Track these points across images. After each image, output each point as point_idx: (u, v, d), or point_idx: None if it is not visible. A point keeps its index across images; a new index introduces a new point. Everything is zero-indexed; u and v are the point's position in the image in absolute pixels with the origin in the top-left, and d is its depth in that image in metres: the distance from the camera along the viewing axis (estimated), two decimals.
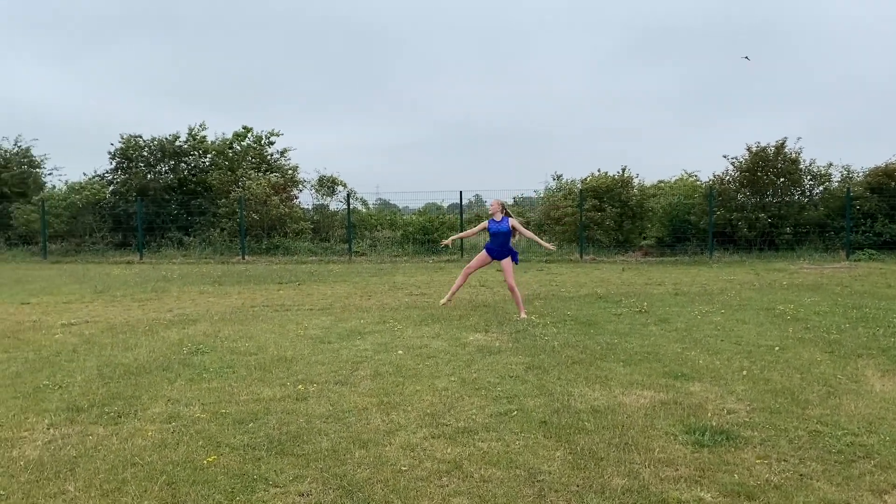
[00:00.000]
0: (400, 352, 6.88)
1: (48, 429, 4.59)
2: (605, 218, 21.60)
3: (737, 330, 7.92)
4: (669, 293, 11.54)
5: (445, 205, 29.13)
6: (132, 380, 5.87)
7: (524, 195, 29.44)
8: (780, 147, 21.25)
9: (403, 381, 5.73)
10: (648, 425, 4.51)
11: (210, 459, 3.97)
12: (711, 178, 22.23)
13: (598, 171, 22.91)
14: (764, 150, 21.30)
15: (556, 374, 5.88)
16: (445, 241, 10.74)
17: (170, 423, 4.66)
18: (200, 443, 4.27)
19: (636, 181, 22.82)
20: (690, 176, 25.29)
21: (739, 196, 21.61)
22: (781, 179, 21.34)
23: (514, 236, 9.64)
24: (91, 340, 7.73)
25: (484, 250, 9.83)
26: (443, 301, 10.07)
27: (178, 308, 10.42)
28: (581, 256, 20.45)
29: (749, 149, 21.47)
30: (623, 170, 22.70)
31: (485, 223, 9.89)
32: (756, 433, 4.34)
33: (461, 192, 22.45)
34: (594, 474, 3.71)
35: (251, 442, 4.27)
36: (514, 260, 9.57)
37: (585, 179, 23.04)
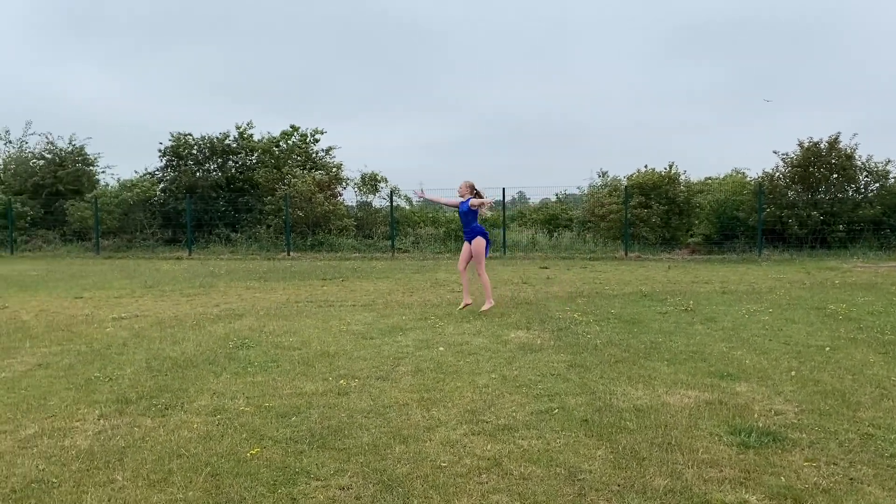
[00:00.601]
0: (441, 348, 6.89)
1: (98, 419, 4.72)
2: (650, 215, 21.31)
3: (786, 329, 7.73)
4: (716, 291, 11.33)
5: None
6: (179, 373, 6.00)
7: (567, 192, 29.23)
8: (834, 142, 20.67)
9: (444, 377, 5.73)
10: (692, 425, 4.43)
11: (253, 452, 4.03)
12: (761, 174, 21.75)
13: (645, 167, 22.62)
14: (816, 145, 20.76)
15: (599, 372, 5.82)
16: (418, 192, 10.76)
17: (215, 416, 4.75)
18: (244, 435, 4.34)
19: (683, 177, 22.47)
20: (739, 172, 24.79)
21: (790, 193, 21.10)
22: (835, 175, 20.78)
23: (480, 216, 9.40)
24: (140, 334, 7.92)
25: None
26: (461, 306, 9.42)
27: (224, 303, 10.62)
28: (626, 254, 20.20)
29: (801, 144, 20.96)
30: (670, 166, 22.39)
31: (457, 200, 9.54)
32: (804, 435, 4.23)
33: (504, 188, 22.39)
34: (636, 474, 3.66)
35: (293, 435, 4.32)
36: (486, 243, 9.36)
37: (631, 176, 22.75)
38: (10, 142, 30.36)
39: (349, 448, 4.10)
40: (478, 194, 9.39)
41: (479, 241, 9.28)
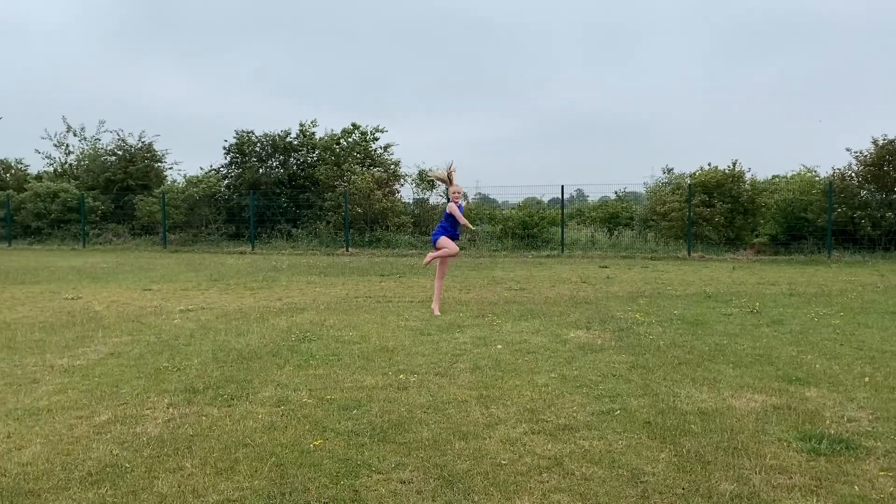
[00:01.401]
0: (499, 346, 6.88)
1: (167, 408, 4.87)
2: (714, 214, 20.79)
3: (858, 334, 7.46)
4: (783, 293, 10.99)
5: (546, 199, 28.91)
6: (244, 364, 6.14)
7: (628, 189, 28.80)
8: None
9: (503, 375, 5.72)
10: (759, 430, 4.31)
11: (316, 443, 4.10)
12: (832, 172, 20.98)
13: (708, 165, 22.08)
14: (892, 143, 19.91)
15: (662, 374, 5.71)
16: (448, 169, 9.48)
17: (279, 407, 4.84)
18: (307, 427, 4.41)
19: (748, 176, 21.85)
20: (808, 171, 23.99)
21: (863, 192, 20.30)
22: None
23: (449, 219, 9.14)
24: (206, 326, 8.14)
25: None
26: (434, 310, 9.10)
27: (286, 297, 10.82)
28: (689, 254, 19.78)
29: (875, 142, 20.12)
30: (734, 164, 21.77)
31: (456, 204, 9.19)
32: (879, 444, 4.07)
33: (563, 186, 22.15)
34: (700, 478, 3.58)
35: (355, 428, 4.38)
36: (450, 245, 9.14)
37: (694, 174, 22.25)
38: (85, 138, 31.63)
39: (409, 442, 4.13)
40: (452, 200, 9.10)
41: (443, 241, 9.13)
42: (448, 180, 9.19)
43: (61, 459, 3.88)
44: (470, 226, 9.26)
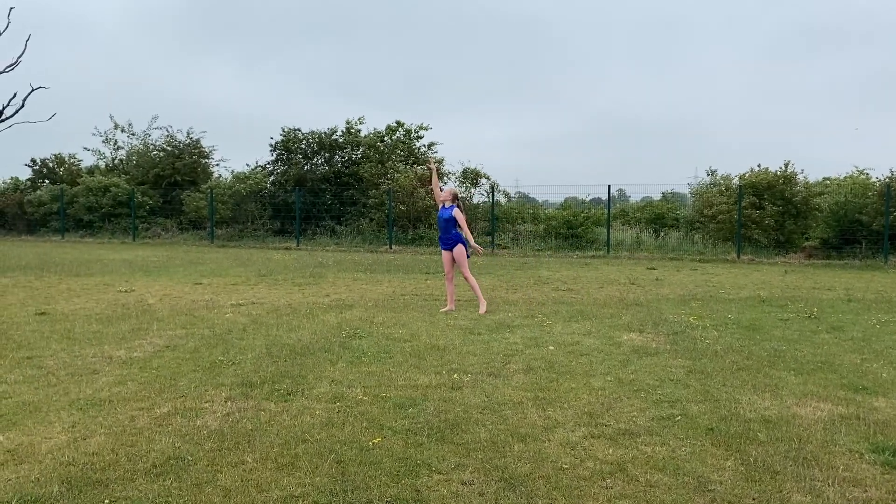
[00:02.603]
0: (551, 347, 6.80)
1: (226, 402, 4.91)
2: (764, 216, 20.33)
3: None
4: (841, 299, 10.68)
5: (588, 199, 28.61)
6: (297, 360, 6.18)
7: (674, 190, 28.34)
8: None
9: (557, 377, 5.65)
10: (828, 440, 4.17)
11: (375, 441, 4.09)
12: (891, 174, 20.31)
13: (758, 166, 21.59)
14: None
15: (721, 379, 5.58)
16: (431, 162, 10.74)
17: (335, 404, 4.85)
18: (364, 424, 4.41)
19: (800, 177, 21.32)
20: (862, 173, 23.31)
21: None
22: None
23: (457, 226, 9.15)
24: (258, 320, 8.22)
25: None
26: (445, 310, 9.16)
27: (334, 293, 10.89)
28: (738, 256, 19.38)
29: None
30: (786, 165, 21.26)
31: (443, 196, 9.41)
32: None
33: (609, 185, 21.89)
34: (770, 488, 3.48)
35: (412, 427, 4.36)
36: (465, 247, 9.19)
37: (743, 175, 21.78)
38: (134, 134, 32.29)
39: (467, 443, 4.09)
40: (458, 203, 9.25)
41: (460, 248, 9.19)
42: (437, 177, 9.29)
43: (126, 450, 3.93)
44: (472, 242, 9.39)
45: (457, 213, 9.17)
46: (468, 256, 9.33)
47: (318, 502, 3.31)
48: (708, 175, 24.95)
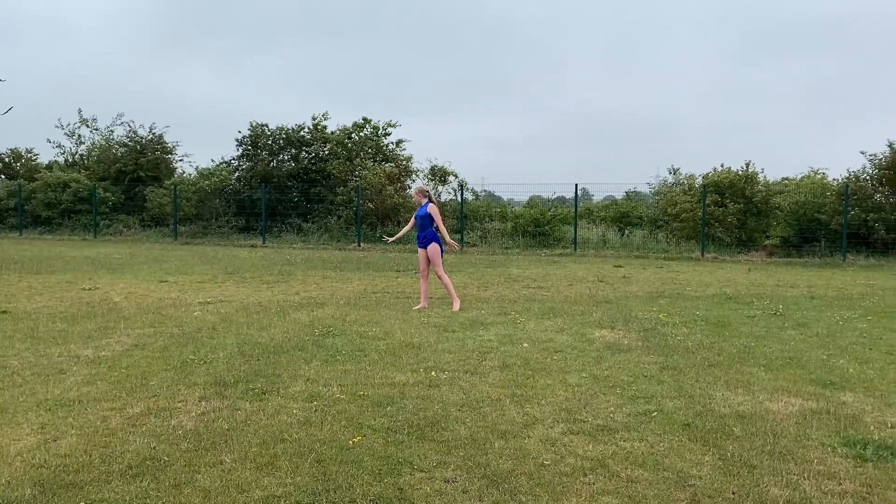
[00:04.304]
0: (525, 344, 6.83)
1: (199, 401, 4.83)
2: (726, 215, 20.68)
3: (886, 338, 7.38)
4: (804, 296, 10.91)
5: (554, 197, 28.78)
6: (271, 358, 6.10)
7: (636, 189, 28.67)
8: None
9: (533, 374, 5.67)
10: (801, 435, 4.25)
11: (356, 440, 4.05)
12: (847, 175, 20.84)
13: (721, 165, 21.95)
14: None
15: (693, 375, 5.65)
16: (389, 240, 10.45)
17: (311, 402, 4.80)
18: (343, 423, 4.37)
19: (761, 177, 21.73)
20: (817, 173, 23.87)
21: (877, 195, 20.17)
22: None
23: (433, 224, 9.24)
24: (228, 319, 8.10)
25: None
26: (417, 307, 9.14)
27: (304, 291, 10.78)
28: (702, 254, 19.69)
29: (890, 145, 20.00)
30: (747, 164, 21.66)
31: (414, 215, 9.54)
32: None
33: (577, 184, 22.09)
34: (749, 482, 3.53)
35: (391, 425, 4.33)
36: (440, 245, 9.29)
37: (707, 174, 22.13)
38: (98, 129, 31.60)
39: (448, 441, 4.08)
40: (430, 199, 9.35)
41: (435, 246, 9.25)
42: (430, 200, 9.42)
43: (99, 452, 3.84)
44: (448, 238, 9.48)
45: (432, 208, 9.19)
46: (442, 253, 9.31)
47: (300, 502, 3.27)
48: (670, 173, 25.30)
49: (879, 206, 19.82)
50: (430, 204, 9.25)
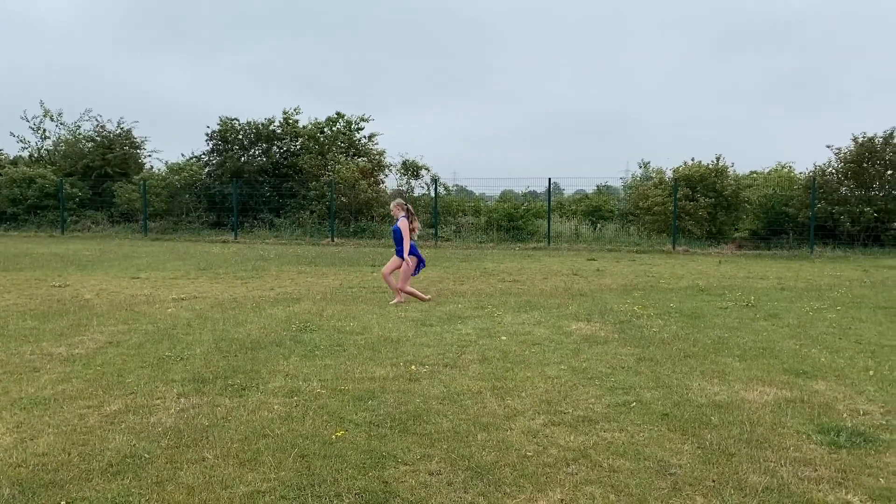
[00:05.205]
0: (503, 338, 6.86)
1: (178, 398, 4.78)
2: (697, 208, 20.95)
3: (855, 328, 7.55)
4: (774, 288, 11.11)
5: (527, 191, 28.93)
6: (249, 354, 6.06)
7: (607, 183, 28.92)
8: (889, 138, 20.13)
9: (512, 366, 5.70)
10: (777, 423, 4.34)
11: (338, 434, 4.05)
12: (814, 168, 21.25)
13: (692, 159, 22.24)
14: (871, 140, 20.23)
15: (670, 366, 5.73)
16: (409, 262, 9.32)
17: (292, 398, 4.78)
18: (325, 418, 4.36)
19: (731, 171, 22.05)
20: (784, 167, 24.30)
21: (842, 189, 20.60)
22: (889, 172, 20.22)
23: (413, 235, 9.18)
24: (203, 315, 8.02)
25: None
26: (394, 302, 9.09)
27: (279, 287, 10.71)
28: (674, 247, 19.92)
29: (855, 139, 20.43)
30: (717, 158, 21.99)
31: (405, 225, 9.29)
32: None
33: (550, 178, 22.25)
34: (728, 470, 3.60)
35: (373, 419, 4.33)
36: (419, 263, 9.31)
37: (677, 168, 22.40)
38: (64, 124, 30.96)
39: (431, 434, 4.10)
40: (409, 211, 9.30)
41: (413, 261, 9.18)
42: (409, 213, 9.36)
43: (78, 450, 3.79)
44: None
45: (402, 224, 9.12)
46: (414, 273, 9.29)
47: (285, 497, 3.26)
48: (640, 167, 25.58)
49: (845, 199, 20.25)
50: (402, 219, 9.18)
